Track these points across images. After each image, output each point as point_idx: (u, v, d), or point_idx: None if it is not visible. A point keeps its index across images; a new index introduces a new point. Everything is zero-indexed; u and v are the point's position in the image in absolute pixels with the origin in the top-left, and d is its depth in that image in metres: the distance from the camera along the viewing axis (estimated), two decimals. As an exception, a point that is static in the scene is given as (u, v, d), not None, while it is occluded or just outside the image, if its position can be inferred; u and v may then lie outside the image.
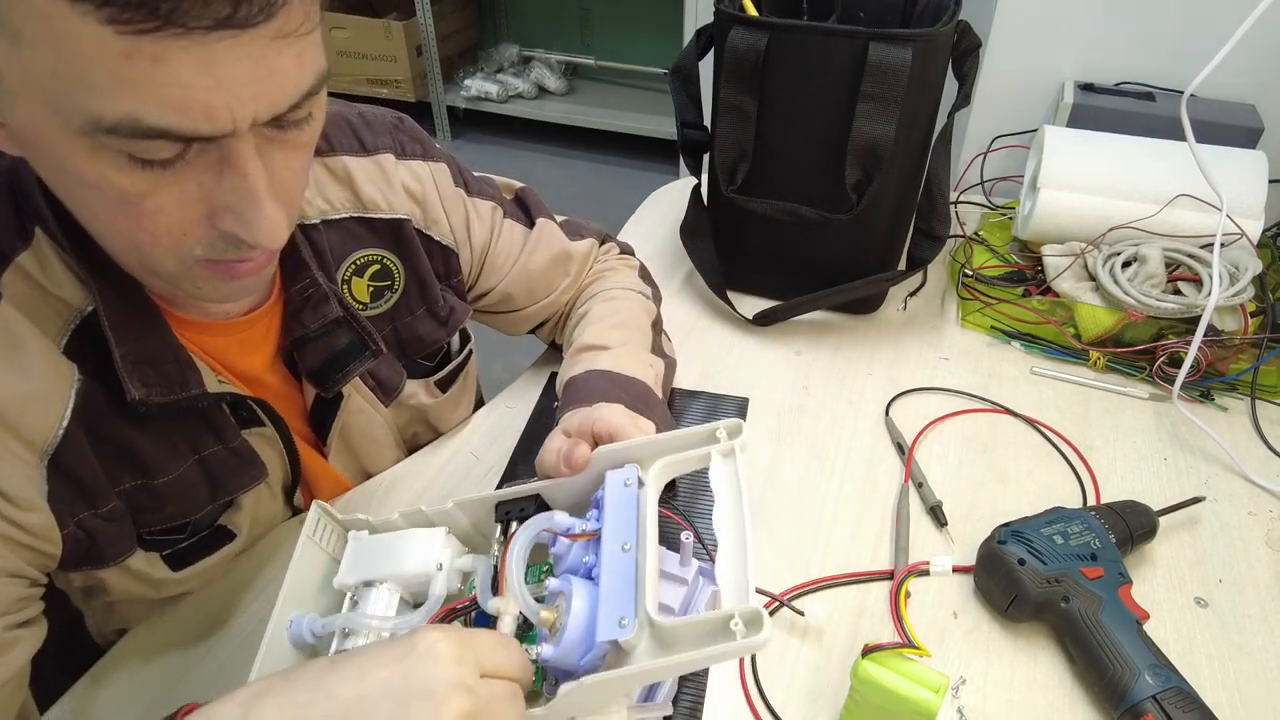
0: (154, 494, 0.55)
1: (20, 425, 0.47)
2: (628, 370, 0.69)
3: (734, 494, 0.49)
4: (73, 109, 0.37)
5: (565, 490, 0.55)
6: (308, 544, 0.52)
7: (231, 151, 0.41)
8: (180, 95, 0.37)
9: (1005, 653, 0.61)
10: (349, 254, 0.65)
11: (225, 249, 0.46)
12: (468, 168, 0.76)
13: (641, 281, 0.83)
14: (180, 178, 0.41)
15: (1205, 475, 0.76)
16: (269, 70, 0.39)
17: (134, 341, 0.51)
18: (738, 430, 0.52)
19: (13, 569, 0.47)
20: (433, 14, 2.96)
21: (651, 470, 0.52)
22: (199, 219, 0.44)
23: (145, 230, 0.43)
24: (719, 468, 0.51)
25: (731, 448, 0.51)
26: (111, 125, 0.37)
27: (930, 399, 0.84)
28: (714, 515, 0.48)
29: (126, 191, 0.41)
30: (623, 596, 0.45)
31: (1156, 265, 0.88)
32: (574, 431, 0.57)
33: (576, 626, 0.45)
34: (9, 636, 0.47)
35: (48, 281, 0.49)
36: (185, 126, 0.38)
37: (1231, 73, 1.03)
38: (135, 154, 0.39)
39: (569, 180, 2.99)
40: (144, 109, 0.37)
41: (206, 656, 0.60)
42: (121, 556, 0.54)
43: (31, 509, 0.48)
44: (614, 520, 0.49)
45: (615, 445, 0.53)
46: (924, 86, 0.82)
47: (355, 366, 0.64)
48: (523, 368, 0.89)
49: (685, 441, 0.53)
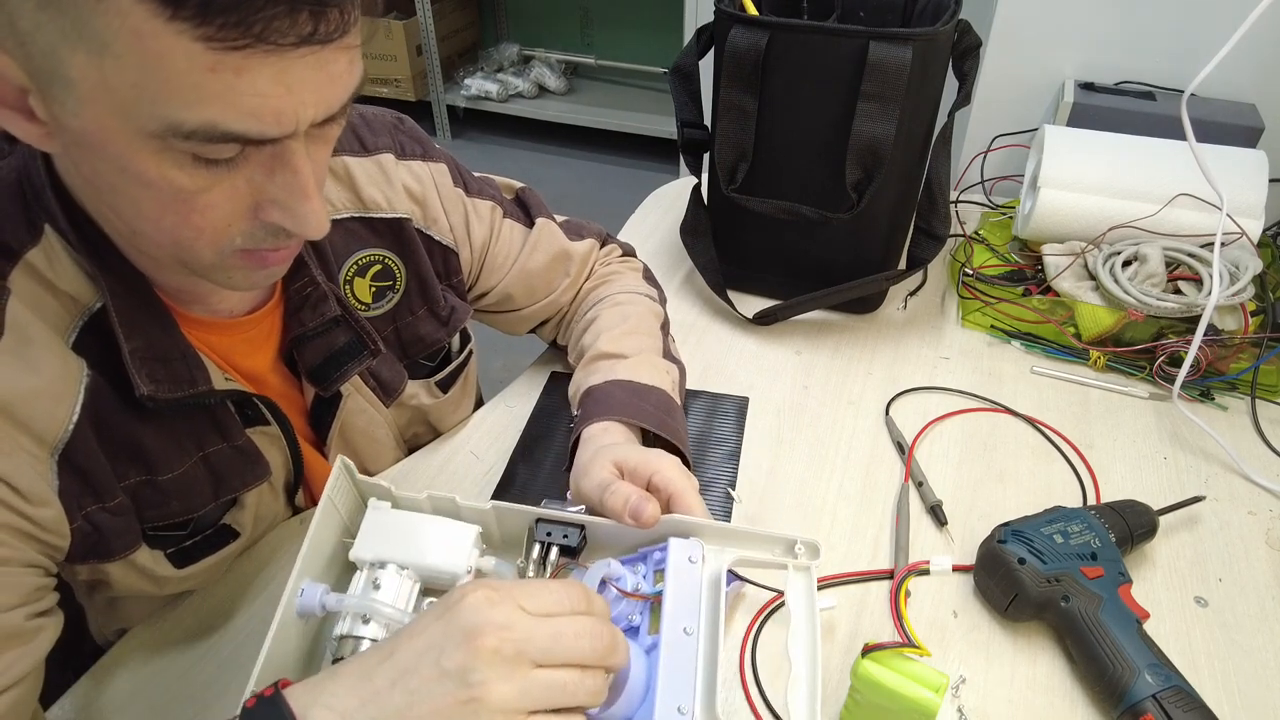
0: (158, 490, 0.55)
1: (31, 421, 0.48)
2: (646, 379, 0.69)
3: (809, 615, 0.49)
4: (150, 116, 0.39)
5: (612, 531, 0.54)
6: (328, 505, 0.51)
7: (286, 150, 0.43)
8: (256, 104, 0.39)
9: (1005, 652, 0.61)
10: (351, 254, 0.66)
11: (264, 238, 0.48)
12: (467, 168, 0.76)
13: (647, 284, 0.83)
14: (234, 175, 0.44)
15: (1205, 475, 0.76)
16: (330, 77, 0.42)
17: (142, 337, 0.52)
18: (816, 551, 0.51)
19: (29, 560, 0.48)
20: (433, 13, 2.96)
21: (724, 559, 0.51)
22: (245, 211, 0.46)
23: (192, 225, 0.45)
24: (795, 586, 0.51)
25: (809, 566, 0.51)
26: (190, 132, 0.39)
27: (930, 398, 0.84)
28: (789, 636, 0.48)
29: (183, 189, 0.43)
30: (682, 683, 0.45)
31: (1156, 265, 0.88)
32: (628, 473, 0.56)
33: (631, 697, 0.45)
34: (32, 625, 0.48)
35: (56, 278, 0.50)
36: (256, 131, 0.40)
37: (1231, 72, 1.03)
38: (201, 154, 0.41)
39: (569, 180, 2.99)
40: (223, 117, 0.39)
41: (208, 655, 0.60)
42: (127, 550, 0.54)
43: (43, 503, 0.48)
44: (676, 595, 0.49)
45: (688, 519, 0.53)
46: (924, 86, 0.82)
47: (353, 366, 0.64)
48: (523, 367, 0.89)
49: (759, 542, 0.52)
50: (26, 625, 0.47)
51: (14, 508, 0.47)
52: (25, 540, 0.48)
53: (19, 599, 0.47)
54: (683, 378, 0.78)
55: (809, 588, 0.50)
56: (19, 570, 0.47)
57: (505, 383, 0.87)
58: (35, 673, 0.48)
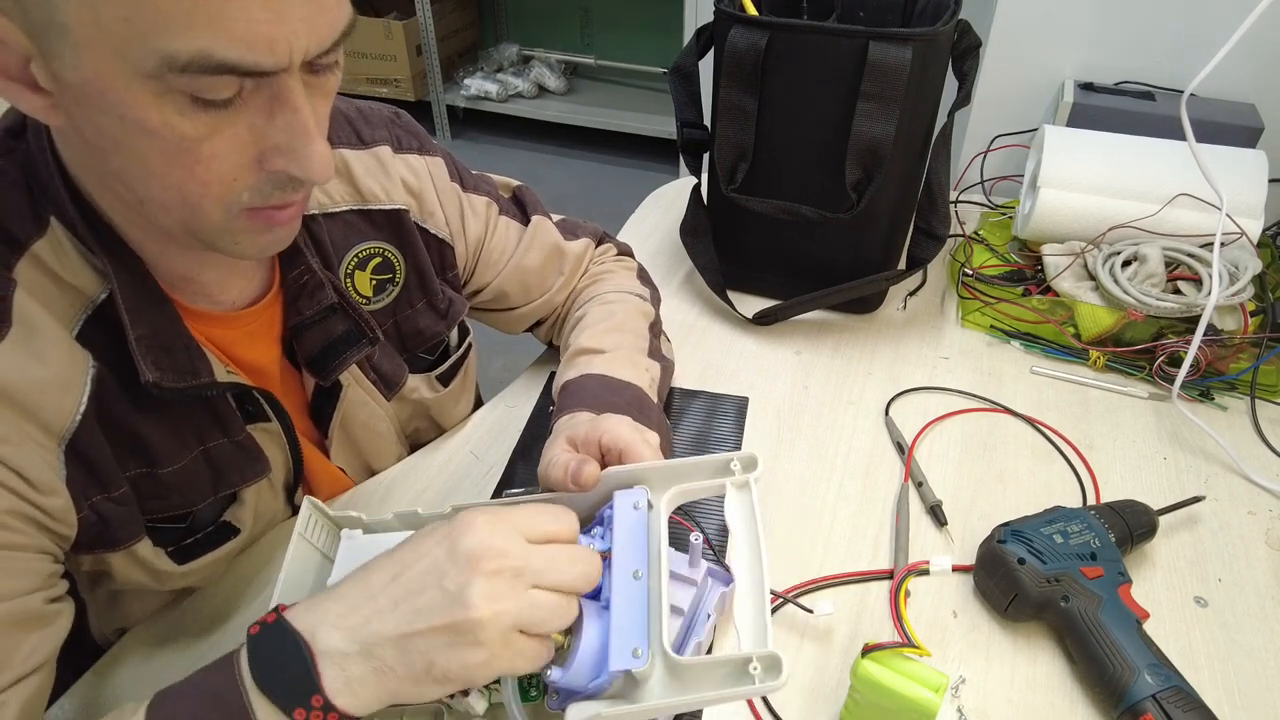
0: (158, 482, 0.56)
1: (40, 411, 0.48)
2: (622, 375, 0.69)
3: (750, 529, 0.49)
4: (145, 52, 0.39)
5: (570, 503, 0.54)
6: (300, 542, 0.52)
7: (282, 89, 0.44)
8: (246, 29, 0.40)
9: (1005, 652, 0.61)
10: (350, 247, 0.66)
11: (272, 193, 0.48)
12: (465, 164, 0.76)
13: (639, 283, 0.83)
14: (234, 119, 0.44)
15: (1205, 475, 0.76)
16: (320, 7, 0.42)
17: (147, 325, 0.52)
18: (753, 463, 0.51)
19: (41, 546, 0.49)
20: (433, 13, 2.96)
21: (663, 498, 0.51)
22: (250, 162, 0.46)
23: (198, 179, 0.45)
24: (734, 501, 0.51)
25: (746, 480, 0.51)
26: (185, 63, 0.40)
27: (930, 398, 0.84)
28: (729, 550, 0.48)
29: (186, 136, 0.43)
30: (635, 626, 0.45)
31: (1156, 265, 0.88)
32: (579, 443, 0.56)
33: (588, 651, 0.45)
34: (50, 610, 0.48)
35: (62, 270, 0.50)
36: (250, 59, 0.41)
37: (1231, 72, 1.03)
38: (199, 94, 0.41)
39: (569, 180, 2.99)
40: (215, 43, 0.39)
41: (209, 653, 0.60)
42: (131, 540, 0.55)
43: (52, 493, 0.48)
44: (624, 544, 0.49)
45: (626, 468, 0.53)
46: (924, 86, 0.82)
47: (352, 354, 0.64)
48: (523, 367, 0.89)
49: (698, 470, 0.52)
50: (46, 609, 0.48)
51: (25, 496, 0.47)
52: (37, 528, 0.48)
53: (37, 583, 0.48)
54: (666, 376, 0.77)
55: (747, 501, 0.50)
56: (34, 556, 0.48)
57: (505, 383, 0.87)
58: (53, 660, 0.49)
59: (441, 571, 0.42)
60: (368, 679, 0.41)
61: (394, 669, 0.42)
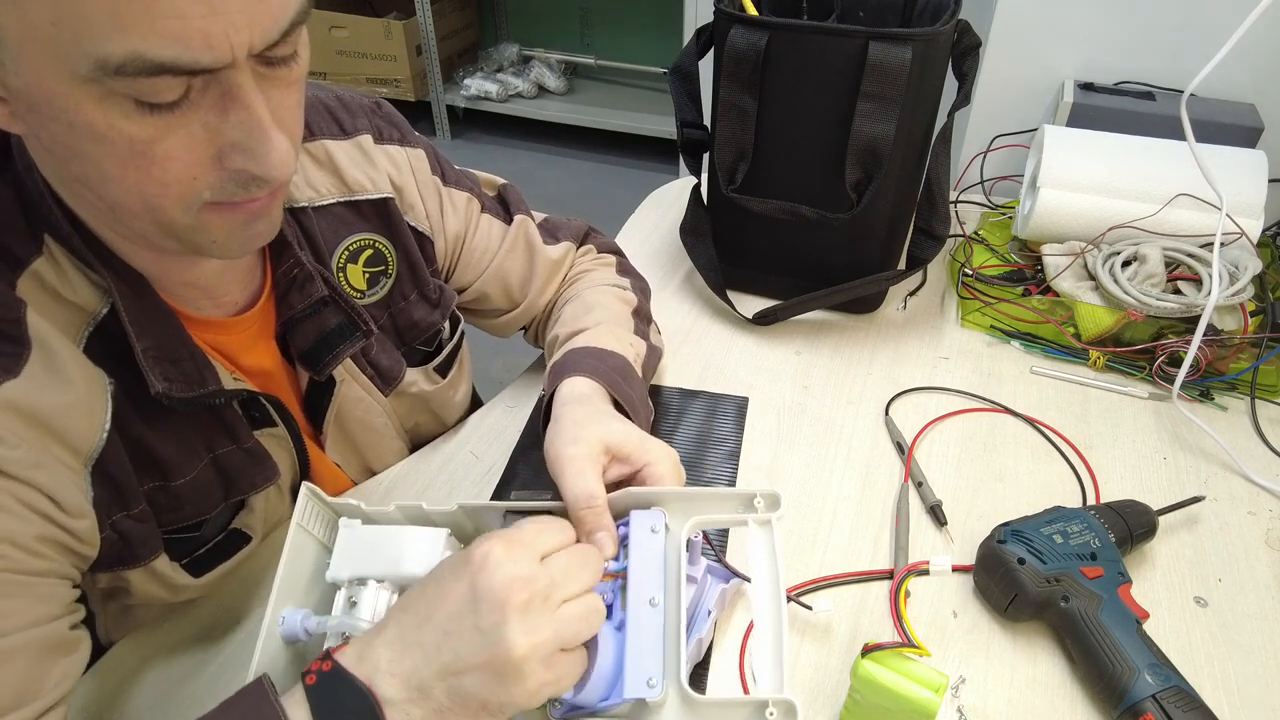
0: (172, 495, 0.56)
1: (68, 434, 0.48)
2: (606, 345, 0.68)
3: (771, 570, 0.49)
4: (78, 55, 0.38)
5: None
6: (299, 532, 0.52)
7: (232, 86, 0.42)
8: (179, 26, 0.38)
9: (1005, 652, 0.61)
10: (340, 240, 0.65)
11: (234, 190, 0.46)
12: (449, 159, 0.75)
13: (618, 276, 0.82)
14: (186, 119, 0.42)
15: (1205, 475, 0.76)
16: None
17: (152, 337, 0.52)
18: (776, 502, 0.51)
19: (64, 573, 0.48)
20: (433, 13, 2.96)
21: (684, 526, 0.51)
22: (207, 161, 0.44)
23: (155, 180, 0.43)
24: (756, 538, 0.50)
25: (769, 519, 0.51)
26: (118, 65, 0.38)
27: (930, 398, 0.84)
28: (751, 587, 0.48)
29: (136, 139, 0.41)
30: (650, 654, 0.45)
31: (1156, 265, 0.88)
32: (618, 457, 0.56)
33: (600, 672, 0.45)
34: (73, 636, 0.48)
35: (62, 287, 0.50)
36: (187, 58, 0.39)
37: (1231, 72, 1.04)
38: (142, 97, 0.40)
39: (569, 180, 2.99)
40: (146, 44, 0.38)
41: (210, 654, 0.60)
42: (151, 557, 0.55)
43: (80, 515, 0.48)
44: (640, 567, 0.49)
45: (647, 490, 0.53)
46: (924, 86, 0.82)
47: (345, 348, 0.63)
48: (522, 367, 0.89)
49: (721, 503, 0.52)
50: (70, 635, 0.47)
51: (55, 520, 0.47)
52: (63, 553, 0.48)
53: (62, 610, 0.47)
54: (653, 359, 0.76)
55: (770, 541, 0.50)
56: (57, 582, 0.48)
57: (505, 383, 0.87)
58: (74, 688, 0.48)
59: (474, 612, 0.43)
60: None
61: (451, 708, 0.43)
